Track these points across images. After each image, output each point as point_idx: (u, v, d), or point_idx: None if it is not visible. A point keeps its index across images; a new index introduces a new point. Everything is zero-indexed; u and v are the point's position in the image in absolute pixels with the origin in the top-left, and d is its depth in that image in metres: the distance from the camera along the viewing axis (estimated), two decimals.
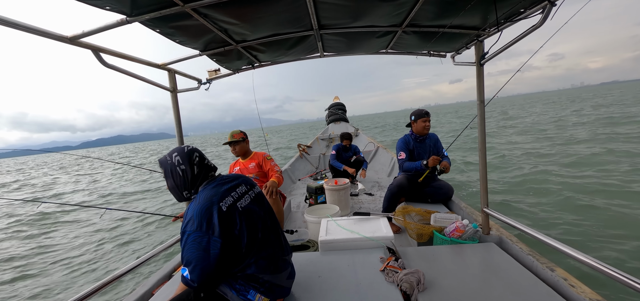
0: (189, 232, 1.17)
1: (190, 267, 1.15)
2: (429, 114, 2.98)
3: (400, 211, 2.49)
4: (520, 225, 1.75)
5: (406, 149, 2.96)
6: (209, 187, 1.30)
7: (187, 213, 1.22)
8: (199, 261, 1.15)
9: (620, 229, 3.53)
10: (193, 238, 1.16)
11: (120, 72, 1.73)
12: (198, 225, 1.16)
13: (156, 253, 1.99)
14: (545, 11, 1.48)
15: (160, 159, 1.33)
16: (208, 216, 1.18)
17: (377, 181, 4.76)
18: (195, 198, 1.27)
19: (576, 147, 8.39)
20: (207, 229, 1.16)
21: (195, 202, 1.23)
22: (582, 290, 1.39)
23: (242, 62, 2.40)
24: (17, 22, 1.11)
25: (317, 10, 1.62)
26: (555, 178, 5.79)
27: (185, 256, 1.17)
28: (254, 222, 1.33)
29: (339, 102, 9.77)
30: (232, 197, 1.29)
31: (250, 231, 1.28)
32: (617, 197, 4.48)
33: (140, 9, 1.33)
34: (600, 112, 17.81)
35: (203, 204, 1.20)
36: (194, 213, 1.18)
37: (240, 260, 1.26)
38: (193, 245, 1.15)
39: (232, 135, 2.92)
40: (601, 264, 1.26)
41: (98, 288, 1.56)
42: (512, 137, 12.16)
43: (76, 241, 5.53)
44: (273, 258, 1.36)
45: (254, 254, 1.28)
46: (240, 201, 1.31)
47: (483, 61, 1.96)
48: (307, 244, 2.34)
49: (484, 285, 1.53)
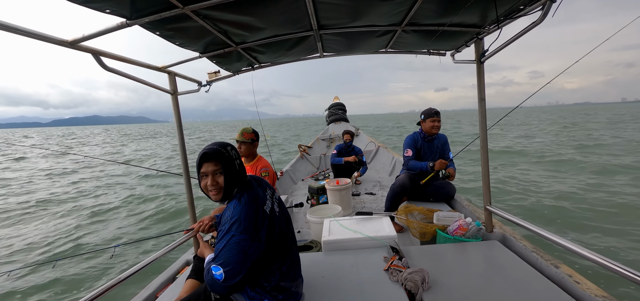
0: (234, 233, 1.12)
1: (228, 269, 1.10)
2: (439, 113, 2.91)
3: (402, 210, 2.48)
4: (524, 222, 1.74)
5: (413, 147, 2.94)
6: (250, 190, 1.23)
7: (232, 213, 1.16)
8: (237, 265, 1.10)
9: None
10: (238, 240, 1.11)
11: (121, 75, 1.73)
12: (245, 228, 1.12)
13: (159, 256, 1.99)
14: (545, 8, 1.48)
15: (211, 150, 1.20)
16: (255, 218, 1.14)
17: (379, 181, 4.75)
18: (239, 198, 1.19)
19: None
20: (253, 233, 1.13)
21: (238, 202, 1.17)
22: (588, 287, 1.39)
23: (242, 64, 2.40)
24: (19, 27, 1.11)
25: (316, 10, 1.62)
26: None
27: (225, 256, 1.11)
28: (284, 228, 1.31)
29: (339, 103, 9.76)
30: (269, 201, 1.26)
31: (282, 237, 1.27)
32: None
33: (139, 12, 1.33)
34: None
35: (250, 207, 1.15)
36: (242, 214, 1.13)
37: (267, 266, 1.23)
38: (236, 247, 1.10)
39: (241, 133, 2.63)
40: (608, 260, 1.25)
41: (101, 292, 1.56)
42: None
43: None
44: (293, 265, 1.35)
45: (279, 260, 1.26)
46: (274, 206, 1.29)
47: (483, 59, 1.96)
48: (310, 244, 2.33)
49: (488, 283, 1.52)
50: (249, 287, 1.25)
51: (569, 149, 11.54)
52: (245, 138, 2.60)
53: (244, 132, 2.64)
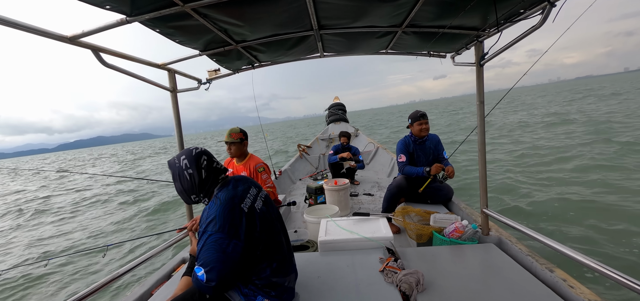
0: (210, 232, 1.13)
1: (208, 268, 1.10)
2: (426, 115, 2.87)
3: (399, 212, 2.49)
4: (520, 226, 1.75)
5: (406, 152, 2.90)
6: (227, 188, 1.25)
7: (208, 213, 1.18)
8: (217, 263, 1.10)
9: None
10: (214, 239, 1.12)
11: (120, 72, 1.73)
12: (220, 226, 1.12)
13: (155, 254, 1.99)
14: (545, 12, 1.48)
15: (169, 160, 1.30)
16: (231, 217, 1.15)
17: (377, 182, 4.76)
18: (216, 198, 1.22)
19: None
20: (229, 230, 1.13)
21: (215, 202, 1.19)
22: (581, 291, 1.39)
23: (242, 62, 2.40)
24: (17, 22, 1.11)
25: (317, 10, 1.62)
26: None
27: (203, 257, 1.12)
28: (269, 224, 1.32)
29: (339, 103, 9.76)
30: (249, 199, 1.27)
31: (267, 234, 1.27)
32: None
33: (140, 9, 1.33)
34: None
35: (226, 205, 1.17)
36: (217, 213, 1.15)
37: (255, 263, 1.24)
38: (214, 246, 1.11)
39: (229, 134, 2.68)
40: (601, 265, 1.26)
41: (97, 288, 1.56)
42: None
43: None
44: (284, 261, 1.36)
45: (268, 257, 1.27)
46: (256, 203, 1.29)
47: (483, 62, 1.96)
48: (306, 244, 2.34)
49: (483, 286, 1.53)
50: (242, 284, 1.26)
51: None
52: (234, 138, 2.63)
53: (231, 132, 2.66)
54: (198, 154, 1.27)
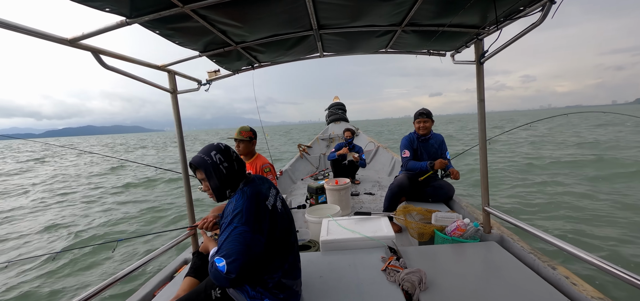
0: (235, 225, 1.14)
1: (230, 260, 1.11)
2: (425, 115, 2.95)
3: (401, 211, 2.49)
4: (522, 223, 1.75)
5: (410, 148, 2.98)
6: (253, 183, 1.27)
7: (235, 205, 1.18)
8: (240, 256, 1.11)
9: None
10: (239, 231, 1.13)
11: (120, 73, 1.73)
12: (247, 220, 1.14)
13: (160, 253, 1.99)
14: (544, 9, 1.48)
15: (195, 160, 1.27)
16: (257, 212, 1.17)
17: (378, 181, 4.75)
18: (242, 192, 1.23)
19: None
20: (254, 225, 1.15)
21: (241, 196, 1.20)
22: (584, 289, 1.39)
23: (241, 63, 2.40)
24: (18, 25, 1.11)
25: (316, 10, 1.62)
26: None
27: (226, 248, 1.13)
28: (286, 225, 1.33)
29: (339, 102, 9.76)
30: (271, 197, 1.28)
31: (284, 234, 1.28)
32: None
33: (139, 11, 1.33)
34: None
35: (252, 199, 1.18)
36: (244, 207, 1.16)
37: (270, 262, 1.24)
38: (238, 239, 1.12)
39: (239, 132, 2.70)
40: (603, 262, 1.26)
41: (99, 290, 1.56)
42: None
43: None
44: (295, 263, 1.37)
45: (282, 258, 1.27)
46: (276, 202, 1.31)
47: (483, 60, 1.96)
48: (308, 244, 2.34)
49: (486, 284, 1.53)
50: (249, 287, 1.25)
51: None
52: (244, 136, 2.66)
53: (242, 130, 2.70)
54: (227, 147, 1.30)
